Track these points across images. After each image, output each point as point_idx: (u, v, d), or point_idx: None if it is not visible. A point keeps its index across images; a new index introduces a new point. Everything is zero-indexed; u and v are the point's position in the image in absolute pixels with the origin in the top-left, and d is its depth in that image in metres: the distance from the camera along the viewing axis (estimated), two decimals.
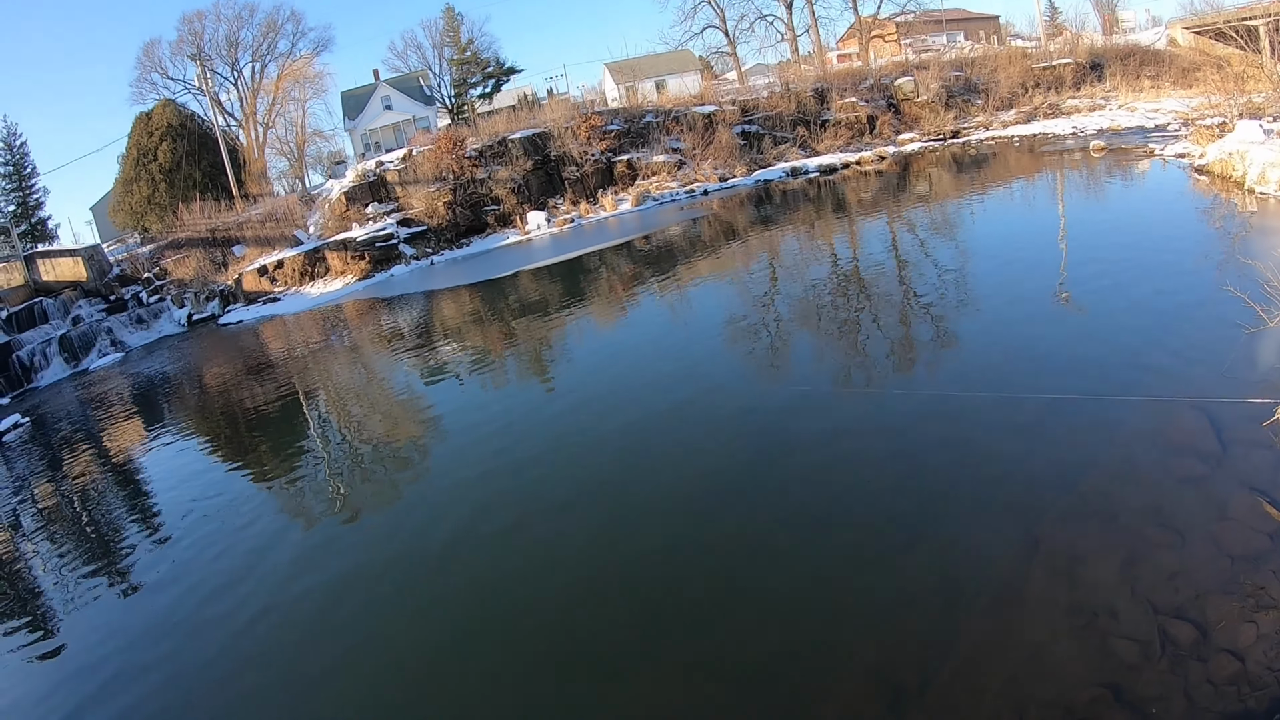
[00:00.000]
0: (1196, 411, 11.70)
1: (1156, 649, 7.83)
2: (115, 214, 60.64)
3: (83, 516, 18.83)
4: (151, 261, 51.08)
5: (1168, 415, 11.91)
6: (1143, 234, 21.27)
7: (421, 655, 10.69)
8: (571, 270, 36.33)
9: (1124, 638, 8.07)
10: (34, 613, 14.39)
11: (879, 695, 8.28)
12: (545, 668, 9.79)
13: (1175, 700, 7.32)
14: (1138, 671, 7.68)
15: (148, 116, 59.97)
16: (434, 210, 50.60)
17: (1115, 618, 8.34)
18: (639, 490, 13.62)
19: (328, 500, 16.46)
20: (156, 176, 57.74)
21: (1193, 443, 11.07)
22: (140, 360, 38.41)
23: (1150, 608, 8.33)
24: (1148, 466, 10.89)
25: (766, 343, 19.83)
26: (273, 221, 51.50)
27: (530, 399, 19.96)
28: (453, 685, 9.99)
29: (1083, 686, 7.68)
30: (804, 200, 41.46)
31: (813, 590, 10.06)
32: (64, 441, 25.90)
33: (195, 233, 51.65)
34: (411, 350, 28.04)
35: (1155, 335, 14.86)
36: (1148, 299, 16.59)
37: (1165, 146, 32.34)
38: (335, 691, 10.35)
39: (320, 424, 22.19)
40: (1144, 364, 13.73)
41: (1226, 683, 7.34)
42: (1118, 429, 11.90)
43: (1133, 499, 10.24)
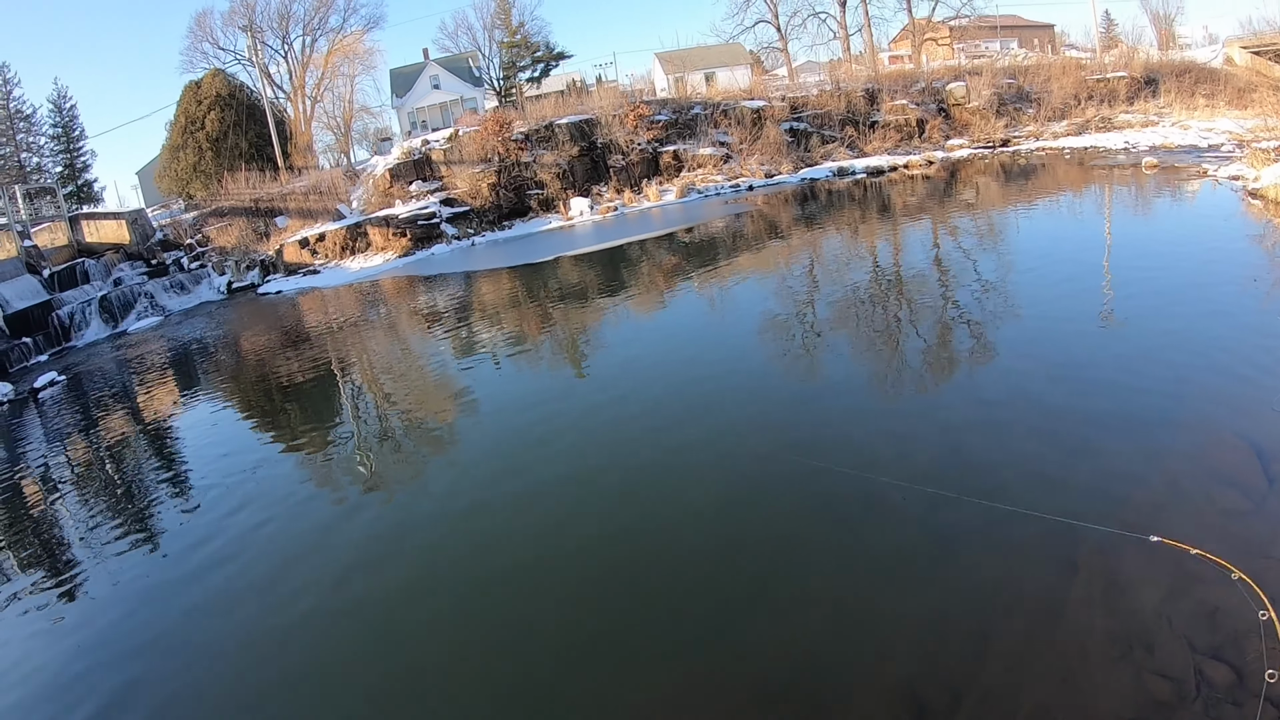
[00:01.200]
0: (1243, 442, 11.35)
1: (1191, 689, 7.55)
2: (161, 180, 61.17)
3: (113, 476, 18.89)
4: (194, 228, 51.40)
5: (1211, 443, 11.58)
6: (1192, 255, 20.61)
7: (442, 632, 10.67)
8: (613, 258, 36.16)
9: (1158, 674, 7.79)
10: (60, 570, 14.40)
11: (903, 712, 8.06)
12: (562, 660, 9.71)
13: None
14: (1170, 711, 7.40)
15: (197, 85, 60.43)
16: (477, 191, 50.50)
17: (1151, 652, 8.06)
18: (670, 485, 13.45)
19: (357, 473, 16.42)
20: (203, 144, 58.18)
21: (1238, 477, 10.69)
22: (178, 324, 38.65)
23: (1187, 644, 8.05)
24: (1191, 494, 10.55)
25: (804, 344, 19.57)
26: (316, 195, 51.62)
27: (565, 385, 19.83)
28: (465, 664, 9.98)
29: None
30: (849, 201, 40.92)
31: (841, 598, 9.86)
32: (98, 401, 26.10)
33: (239, 202, 51.88)
34: (448, 329, 28.01)
35: (1202, 362, 14.37)
36: (1196, 322, 16.12)
37: (1218, 167, 31.47)
38: (355, 658, 10.36)
39: (354, 398, 22.24)
40: (1189, 391, 13.33)
41: None
42: (1162, 453, 11.58)
43: (1173, 528, 9.87)
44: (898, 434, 13.77)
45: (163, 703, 10.17)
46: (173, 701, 10.17)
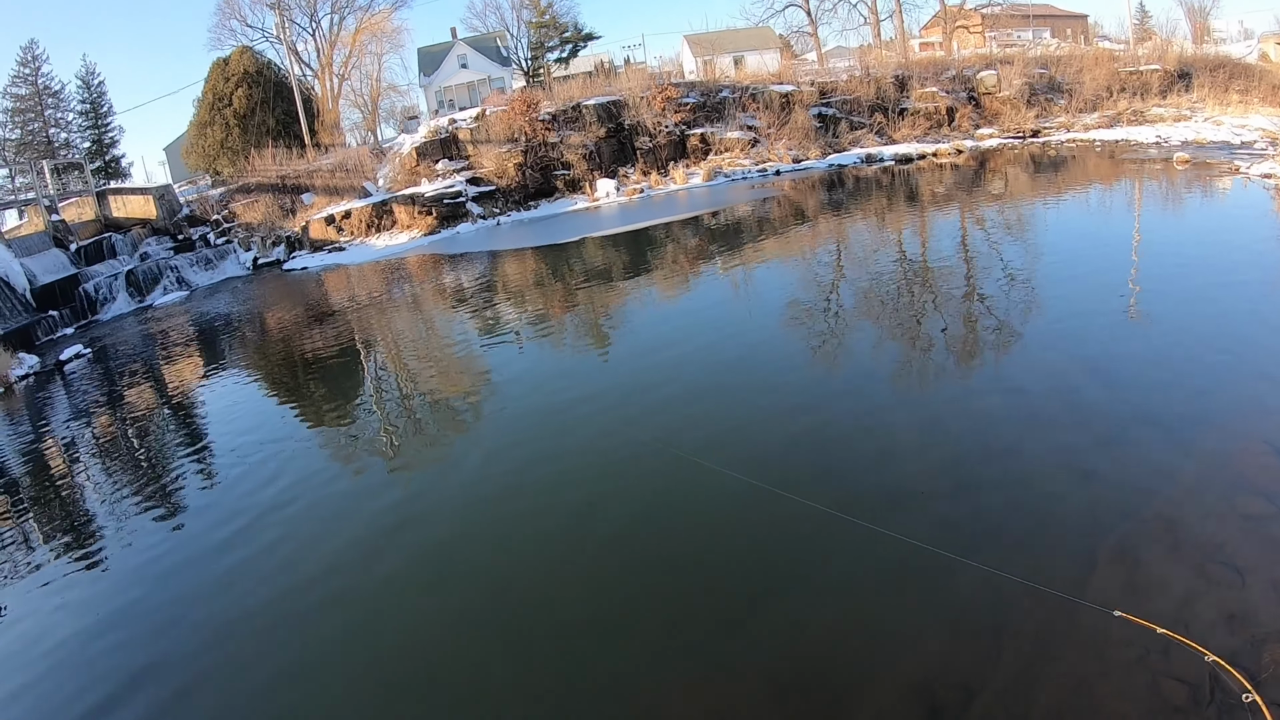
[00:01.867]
0: (1267, 449, 11.23)
1: (1206, 695, 7.48)
2: (188, 156, 61.44)
3: (137, 450, 19.04)
4: (221, 204, 51.59)
5: (1237, 448, 11.42)
6: (1221, 253, 20.37)
7: (463, 616, 10.73)
8: (637, 241, 36.10)
9: (1174, 679, 7.73)
10: (84, 544, 14.50)
11: (918, 711, 8.04)
12: (582, 646, 9.77)
13: None
14: (1185, 717, 7.36)
15: (225, 62, 60.53)
16: (504, 171, 50.41)
17: (1167, 656, 7.98)
18: (688, 470, 13.34)
19: (381, 453, 16.52)
20: (230, 121, 58.32)
21: (1262, 482, 10.58)
22: (203, 299, 38.89)
23: (1204, 648, 7.93)
24: (1212, 502, 10.41)
25: (828, 331, 19.45)
26: (343, 172, 51.69)
27: (589, 369, 19.83)
28: (483, 649, 10.02)
29: None
30: (877, 188, 40.62)
31: (859, 595, 9.85)
32: (123, 374, 26.33)
33: (265, 179, 52.02)
34: (473, 309, 28.07)
35: (1229, 360, 14.20)
36: (1220, 323, 15.90)
37: (1251, 165, 30.97)
38: (373, 633, 10.51)
39: (377, 376, 22.33)
40: (1213, 394, 13.15)
41: None
42: (1184, 460, 11.41)
43: (1195, 533, 9.86)
44: (918, 423, 13.72)
45: (185, 681, 10.24)
46: (196, 680, 10.24)
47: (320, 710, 9.40)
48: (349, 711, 9.30)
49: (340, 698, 9.55)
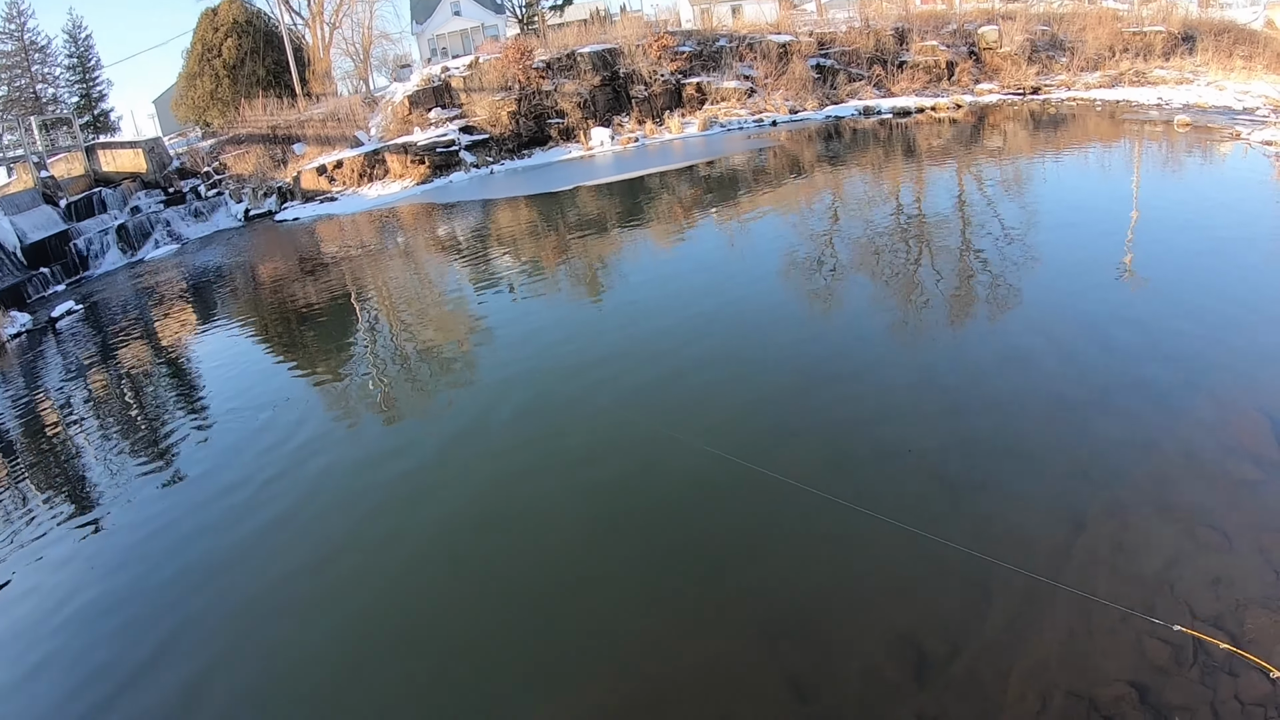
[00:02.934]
0: (1260, 415, 11.17)
1: (1189, 656, 7.59)
2: (178, 108, 60.68)
3: (131, 404, 19.05)
4: (211, 156, 51.04)
5: (1230, 413, 11.40)
6: (1219, 218, 20.02)
7: (451, 558, 10.99)
8: (632, 190, 35.86)
9: (1158, 639, 7.81)
10: (80, 495, 14.57)
11: (905, 661, 8.14)
12: (574, 592, 9.89)
13: (1200, 713, 7.09)
14: (1167, 676, 7.45)
15: (214, 12, 59.53)
16: (497, 119, 49.86)
17: (1151, 616, 8.06)
18: (679, 420, 13.34)
19: (373, 399, 16.62)
20: (220, 72, 57.50)
21: (1254, 448, 10.56)
22: (195, 252, 38.63)
23: (1189, 610, 8.08)
24: (1203, 464, 10.44)
25: (822, 281, 19.47)
26: (334, 121, 51.12)
27: (580, 315, 19.91)
28: (480, 595, 10.18)
29: (1109, 683, 7.49)
30: (874, 141, 40.21)
31: (847, 545, 9.93)
32: (116, 330, 26.19)
33: (256, 129, 51.43)
34: (465, 257, 27.97)
35: (1223, 327, 14.06)
36: (1216, 288, 15.70)
37: (1252, 131, 30.52)
38: (369, 581, 10.61)
39: (370, 325, 22.30)
40: (1207, 358, 13.10)
41: (1254, 703, 7.09)
42: (1177, 422, 11.43)
43: (1185, 494, 9.90)
44: (909, 380, 13.69)
45: (189, 644, 10.26)
46: (195, 641, 10.27)
47: (316, 656, 9.51)
48: (341, 660, 9.37)
49: (334, 647, 9.62)
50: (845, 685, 8.06)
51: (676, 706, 8.14)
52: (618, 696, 8.35)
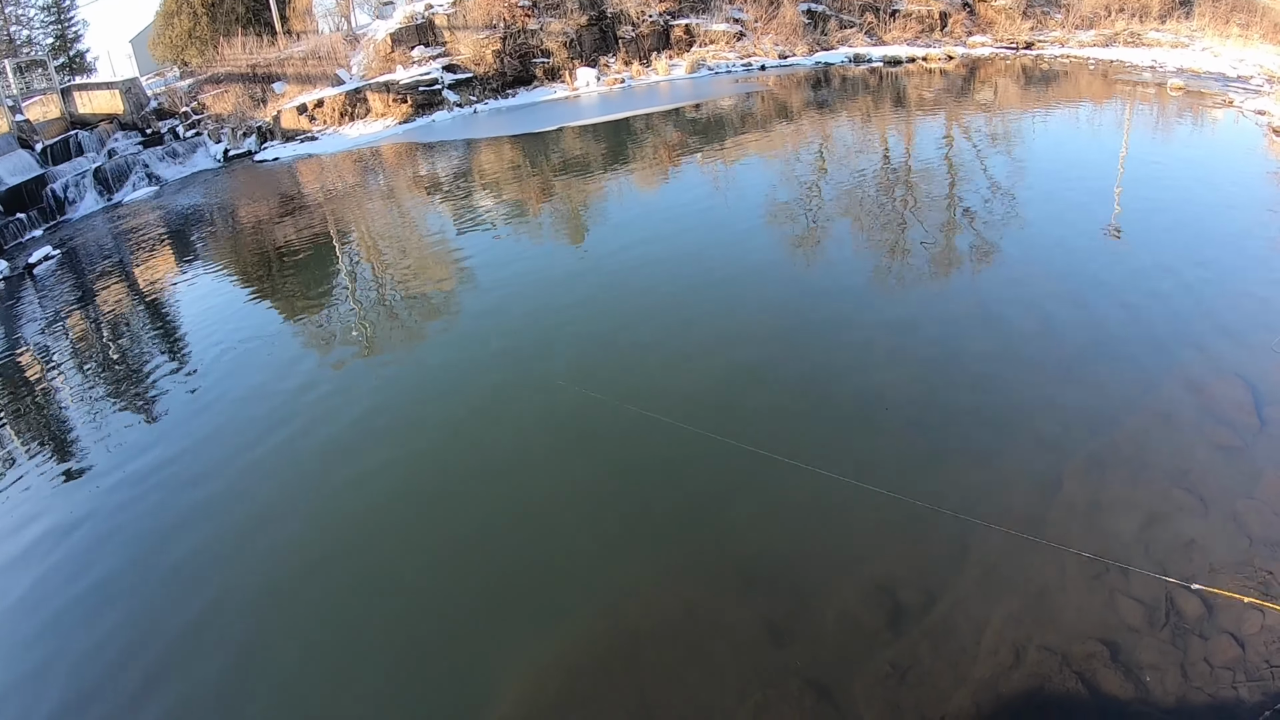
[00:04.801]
0: (1239, 381, 11.18)
1: (1161, 616, 7.69)
2: (155, 47, 59.37)
3: (111, 348, 18.91)
4: (189, 96, 50.06)
5: (1210, 378, 11.39)
6: (1207, 183, 19.75)
7: (432, 494, 11.12)
8: (617, 131, 35.53)
9: (1131, 598, 7.92)
10: (60, 441, 14.55)
11: (880, 609, 8.27)
12: (555, 537, 9.99)
13: (1170, 673, 7.17)
14: (1139, 636, 7.54)
15: None
16: (481, 58, 48.99)
17: (1126, 575, 8.19)
18: (658, 364, 13.52)
19: (355, 340, 16.63)
20: (198, 10, 56.16)
21: (1231, 413, 10.58)
22: (174, 194, 38.06)
23: (1162, 571, 8.14)
24: (1182, 425, 10.50)
25: (805, 230, 19.35)
26: (315, 60, 50.11)
27: (561, 259, 19.84)
28: (461, 538, 10.28)
29: (1082, 639, 7.59)
30: (863, 89, 39.66)
31: (824, 491, 9.94)
32: (94, 274, 25.87)
33: (235, 68, 50.39)
34: (448, 198, 27.76)
35: (1206, 291, 13.96)
36: (1201, 254, 15.56)
37: (1246, 100, 30.02)
38: (350, 514, 10.86)
39: (351, 265, 22.21)
40: (1189, 322, 13.05)
41: (1223, 666, 7.17)
42: (1157, 384, 11.43)
43: (1163, 455, 9.98)
44: (890, 333, 13.67)
45: (162, 575, 10.38)
46: (173, 573, 10.39)
47: (290, 598, 9.60)
48: (319, 601, 9.48)
49: (306, 592, 9.68)
50: (821, 632, 8.13)
51: (654, 647, 8.21)
52: (597, 637, 8.41)
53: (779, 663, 7.83)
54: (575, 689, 7.91)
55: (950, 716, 7.08)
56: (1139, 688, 7.04)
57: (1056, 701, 7.06)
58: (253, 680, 8.59)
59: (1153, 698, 6.95)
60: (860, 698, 7.38)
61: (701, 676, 7.82)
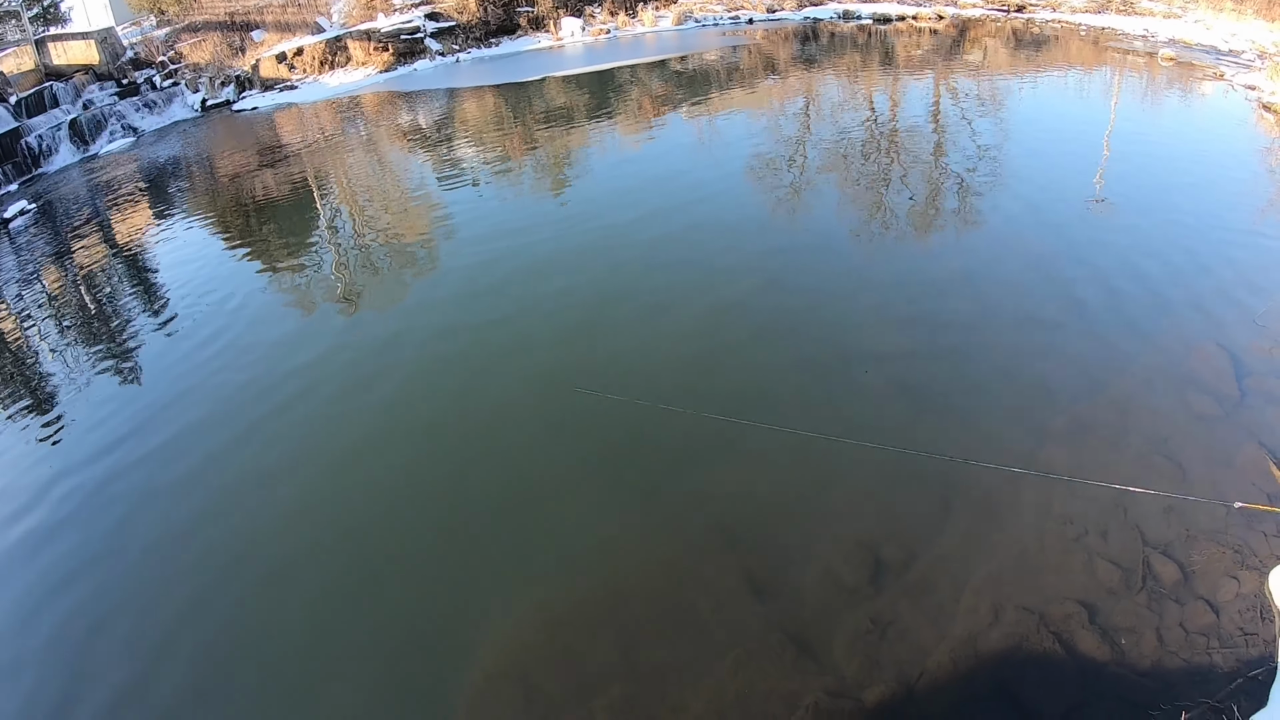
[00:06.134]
0: (1220, 351, 11.22)
1: (1138, 580, 7.79)
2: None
3: (88, 302, 18.70)
4: (167, 45, 49.04)
5: (1191, 347, 11.46)
6: (1194, 155, 19.67)
7: (418, 455, 11.15)
8: (601, 82, 35.16)
9: (1109, 561, 8.03)
10: (39, 392, 14.52)
11: (861, 565, 8.37)
12: (533, 491, 10.11)
13: (1146, 636, 7.28)
14: (1116, 599, 7.65)
15: None
16: (464, 7, 48.14)
17: (1104, 538, 8.30)
18: (642, 330, 13.44)
19: (332, 292, 16.60)
20: None
21: (1212, 382, 10.65)
22: (151, 145, 37.48)
23: (1140, 536, 8.26)
24: (1163, 394, 10.56)
25: (789, 188, 19.28)
26: (294, 7, 49.16)
27: (542, 211, 19.66)
28: (439, 490, 10.46)
29: (1060, 600, 7.69)
30: (852, 46, 39.22)
31: (810, 448, 9.96)
32: (70, 227, 25.46)
33: (213, 16, 49.40)
34: (429, 148, 27.49)
35: (1187, 262, 13.96)
36: (1185, 224, 15.51)
37: (1236, 74, 29.74)
38: (333, 470, 10.97)
39: (331, 216, 22.01)
40: (1171, 290, 13.03)
41: (1198, 632, 7.28)
42: (1139, 349, 11.48)
43: (1143, 422, 10.04)
44: (874, 292, 13.73)
45: (131, 511, 10.63)
46: (146, 511, 10.63)
47: (266, 556, 9.65)
48: (301, 558, 9.57)
49: (290, 549, 9.76)
50: (802, 587, 8.23)
51: (636, 602, 8.32)
52: (579, 592, 8.52)
53: (760, 618, 7.93)
54: (557, 642, 8.01)
55: (929, 673, 7.18)
56: (1115, 650, 7.14)
57: (1034, 661, 7.16)
58: (242, 631, 8.66)
59: (1128, 660, 7.06)
60: (840, 653, 7.49)
61: (683, 631, 7.92)
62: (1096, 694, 6.83)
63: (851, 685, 7.17)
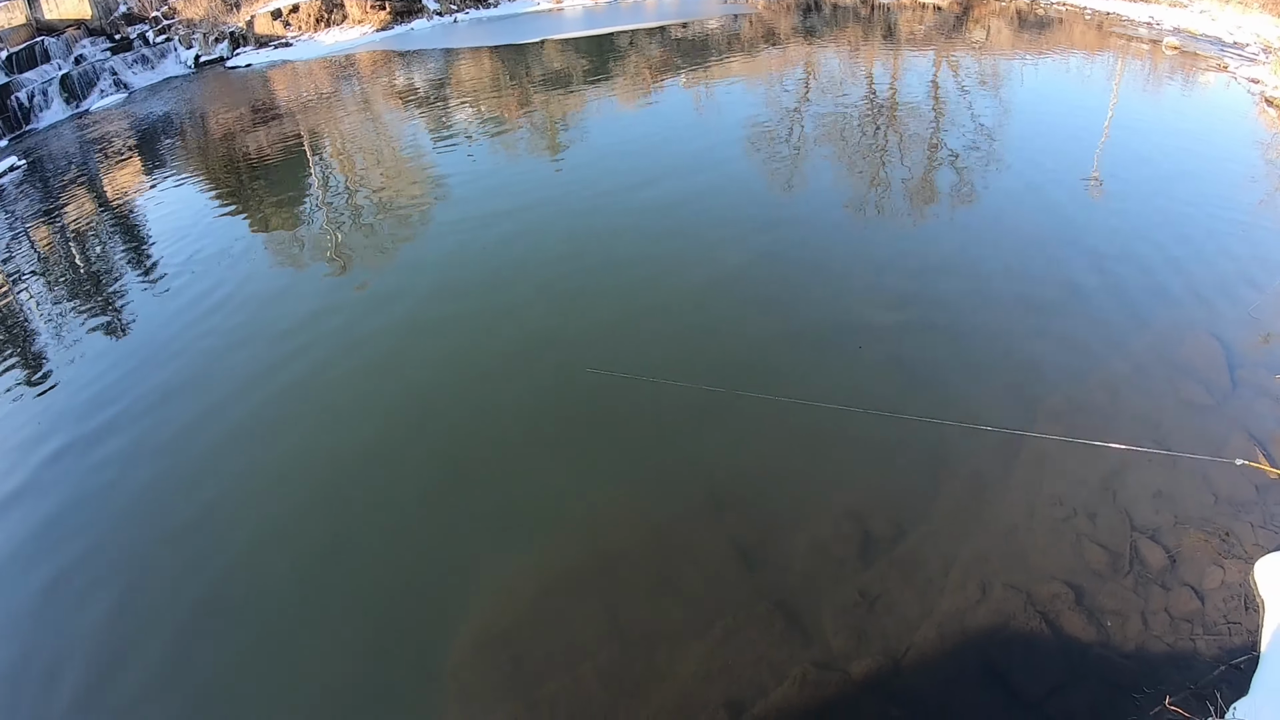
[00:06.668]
0: (1214, 342, 11.15)
1: (1125, 564, 7.82)
2: None
3: (77, 259, 18.65)
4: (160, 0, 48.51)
5: (1184, 335, 11.41)
6: (1193, 145, 19.41)
7: (409, 415, 11.19)
8: (600, 46, 34.92)
9: (1097, 544, 8.05)
10: (29, 349, 14.48)
11: (850, 538, 8.41)
12: (513, 459, 10.16)
13: (1131, 620, 7.32)
14: (1102, 581, 7.68)
15: None
16: None
17: (1093, 521, 8.32)
18: (635, 296, 13.46)
19: (326, 250, 16.64)
20: None
21: (1204, 371, 10.61)
22: (143, 101, 37.08)
23: (1128, 520, 8.29)
24: (1155, 380, 10.54)
25: (786, 154, 19.36)
26: None
27: (536, 176, 19.62)
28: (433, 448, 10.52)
29: (1047, 580, 7.73)
30: (854, 19, 38.83)
31: (801, 417, 9.98)
32: (61, 184, 25.25)
33: None
34: (424, 108, 27.32)
35: (1183, 250, 13.83)
36: (1183, 213, 15.36)
37: (1240, 67, 29.45)
38: (325, 433, 10.95)
39: (324, 176, 21.89)
40: (1165, 278, 12.92)
41: (1182, 618, 7.31)
42: (1131, 338, 11.41)
43: (1135, 407, 10.04)
44: (868, 269, 13.71)
45: (121, 471, 10.64)
46: (135, 470, 10.67)
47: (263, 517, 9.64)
48: (308, 509, 9.68)
49: (297, 493, 9.94)
50: (791, 557, 8.28)
51: (625, 569, 8.38)
52: (568, 558, 8.57)
53: (749, 587, 7.99)
54: (546, 606, 8.06)
55: (916, 647, 7.25)
56: (1100, 632, 7.20)
57: (1020, 639, 7.22)
58: (230, 593, 8.70)
59: (1113, 642, 7.11)
60: (828, 624, 7.55)
61: (672, 598, 7.98)
62: (1080, 674, 6.89)
63: (839, 657, 7.24)
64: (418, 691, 7.47)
